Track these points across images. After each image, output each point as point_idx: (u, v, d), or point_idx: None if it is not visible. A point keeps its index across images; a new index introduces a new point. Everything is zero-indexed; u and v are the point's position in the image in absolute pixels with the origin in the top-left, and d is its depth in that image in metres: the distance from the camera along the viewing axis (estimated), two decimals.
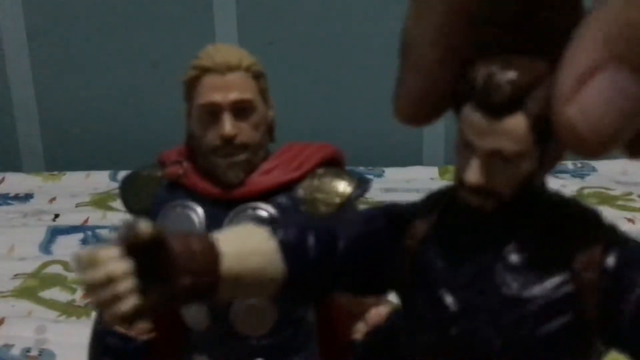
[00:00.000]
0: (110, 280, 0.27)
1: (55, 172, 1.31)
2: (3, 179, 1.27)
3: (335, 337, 0.49)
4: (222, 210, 0.44)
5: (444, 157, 1.39)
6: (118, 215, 1.11)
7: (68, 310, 0.86)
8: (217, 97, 0.43)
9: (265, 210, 0.44)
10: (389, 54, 1.49)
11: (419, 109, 0.28)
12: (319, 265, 0.31)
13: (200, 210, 0.45)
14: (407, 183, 1.23)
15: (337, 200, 0.45)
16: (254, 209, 0.44)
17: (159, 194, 0.47)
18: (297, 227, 0.32)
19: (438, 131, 1.41)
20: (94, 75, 1.39)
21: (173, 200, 0.46)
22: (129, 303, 0.26)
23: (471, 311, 0.29)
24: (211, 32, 1.35)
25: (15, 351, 0.78)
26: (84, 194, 1.19)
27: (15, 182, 1.25)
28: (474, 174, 0.28)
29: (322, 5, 1.36)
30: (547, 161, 0.28)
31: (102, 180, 1.25)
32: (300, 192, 0.45)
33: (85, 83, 1.40)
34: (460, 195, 0.29)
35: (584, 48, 0.22)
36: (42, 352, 0.78)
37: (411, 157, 1.37)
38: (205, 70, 0.44)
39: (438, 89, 0.28)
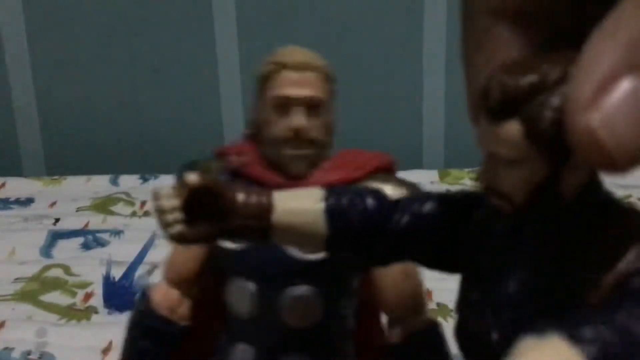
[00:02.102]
0: (161, 212, 0.36)
1: (56, 177, 1.31)
2: (4, 183, 1.27)
3: (371, 339, 0.50)
4: None
5: (444, 161, 1.39)
6: (118, 219, 1.11)
7: (68, 313, 0.87)
8: (293, 92, 0.46)
9: None
10: (389, 56, 1.49)
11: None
12: (362, 232, 0.35)
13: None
14: None
15: None
16: None
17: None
18: (351, 195, 0.36)
19: (438, 134, 1.41)
20: (95, 80, 1.40)
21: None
22: (174, 229, 0.36)
23: (483, 304, 0.30)
24: (211, 38, 1.36)
25: (16, 354, 0.78)
26: (84, 198, 1.20)
27: (16, 186, 1.26)
28: (480, 174, 0.29)
29: (322, 8, 1.36)
30: (570, 169, 0.27)
31: (102, 185, 1.25)
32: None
33: (86, 88, 1.40)
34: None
35: (603, 53, 0.21)
36: (42, 355, 0.78)
37: (411, 161, 1.37)
38: (283, 66, 0.46)
39: None
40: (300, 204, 0.36)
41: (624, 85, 0.21)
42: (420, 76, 1.39)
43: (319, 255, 0.45)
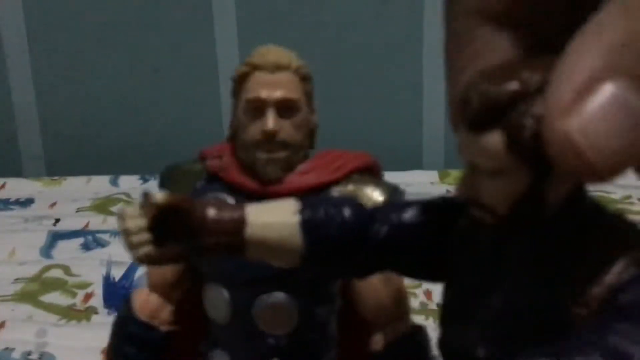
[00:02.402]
0: (126, 233, 0.35)
1: (56, 177, 1.31)
2: (4, 184, 1.27)
3: (354, 347, 0.49)
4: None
5: (444, 162, 1.39)
6: None
7: (68, 314, 0.86)
8: (264, 93, 0.45)
9: None
10: (389, 57, 1.49)
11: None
12: (340, 245, 0.34)
13: (232, 202, 0.46)
14: (406, 187, 1.22)
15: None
16: None
17: (198, 186, 0.47)
18: (327, 206, 0.34)
19: (438, 135, 1.41)
20: (95, 81, 1.40)
21: (209, 192, 0.47)
22: (141, 252, 0.34)
23: (468, 318, 0.30)
24: (211, 38, 1.36)
25: (16, 355, 0.78)
26: (84, 198, 1.20)
27: (16, 187, 1.26)
28: (460, 185, 0.28)
29: (322, 9, 1.36)
30: (554, 179, 0.26)
31: (102, 185, 1.25)
32: (334, 194, 0.46)
33: (86, 88, 1.40)
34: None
35: (583, 58, 0.20)
36: (42, 355, 0.78)
37: (411, 161, 1.37)
38: (255, 67, 0.46)
39: None
40: (274, 218, 0.34)
41: (605, 90, 0.20)
42: (420, 76, 1.39)
43: None
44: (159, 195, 0.34)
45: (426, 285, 0.87)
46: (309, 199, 0.36)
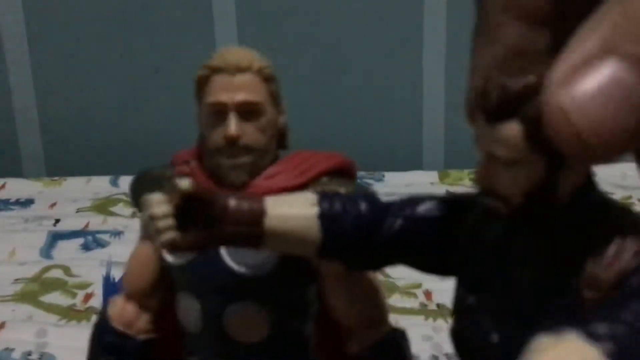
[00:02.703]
0: (153, 219, 0.35)
1: (56, 178, 1.31)
2: (4, 184, 1.27)
3: (332, 351, 0.48)
4: None
5: (444, 162, 1.39)
6: (118, 220, 1.11)
7: (68, 314, 0.86)
8: (224, 97, 0.43)
9: None
10: (389, 56, 1.49)
11: None
12: (356, 237, 0.35)
13: None
14: (407, 187, 1.23)
15: None
16: None
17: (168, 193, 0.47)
18: (345, 200, 0.35)
19: (438, 136, 1.41)
20: (95, 81, 1.40)
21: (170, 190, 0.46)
22: (166, 237, 0.35)
23: (480, 307, 0.30)
24: (211, 39, 1.36)
25: (16, 355, 0.78)
26: (84, 199, 1.20)
27: (16, 187, 1.26)
28: (476, 175, 0.29)
29: (322, 10, 1.36)
30: (567, 170, 0.27)
31: (102, 186, 1.25)
32: None
33: (86, 89, 1.40)
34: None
35: (585, 38, 0.21)
36: (42, 355, 0.78)
37: (411, 162, 1.37)
38: (215, 70, 0.44)
39: None
40: (293, 210, 0.35)
41: (602, 68, 0.21)
42: (420, 76, 1.39)
43: (264, 271, 0.43)
44: (184, 183, 0.36)
45: (426, 286, 0.87)
46: (327, 193, 0.37)
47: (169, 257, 0.45)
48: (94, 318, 0.85)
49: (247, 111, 0.43)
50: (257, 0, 1.35)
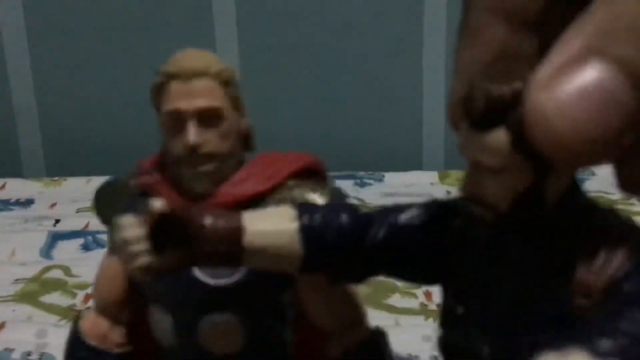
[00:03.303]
0: (126, 243, 0.34)
1: (56, 178, 1.31)
2: (4, 184, 1.27)
3: (312, 355, 0.47)
4: None
5: (444, 162, 1.39)
6: None
7: (69, 314, 0.86)
8: (182, 105, 0.41)
9: None
10: (389, 56, 1.49)
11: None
12: (339, 250, 0.34)
13: None
14: (406, 188, 1.23)
15: None
16: None
17: (131, 203, 0.45)
18: (324, 212, 0.34)
19: (438, 136, 1.41)
20: (95, 81, 1.40)
21: (142, 206, 0.43)
22: (141, 261, 0.33)
23: (469, 318, 0.30)
24: (211, 38, 1.36)
25: (16, 355, 0.78)
26: (84, 199, 1.19)
27: (16, 187, 1.26)
28: (462, 184, 0.28)
29: (322, 10, 1.36)
30: (554, 176, 0.27)
31: None
32: (271, 205, 0.42)
33: (86, 89, 1.40)
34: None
35: (570, 39, 0.21)
36: (42, 356, 0.78)
37: (411, 162, 1.37)
38: (171, 77, 0.42)
39: None
40: (272, 225, 0.34)
41: (585, 70, 0.20)
42: (420, 76, 1.39)
43: (234, 280, 0.42)
44: (156, 204, 0.34)
45: (426, 286, 0.87)
46: (306, 205, 0.35)
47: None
48: None
49: (207, 117, 0.42)
50: (257, 0, 1.35)
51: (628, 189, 0.23)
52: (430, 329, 0.80)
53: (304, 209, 0.34)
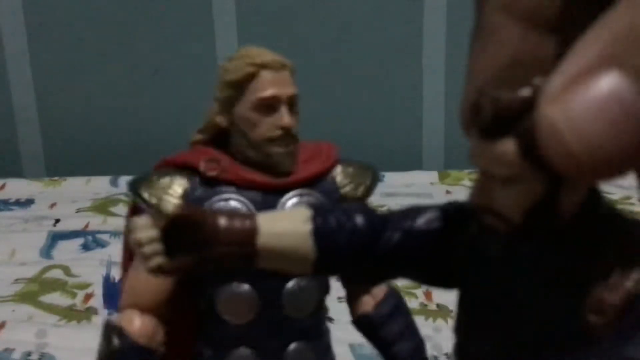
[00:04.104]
0: (139, 244, 0.34)
1: (56, 178, 1.31)
2: (4, 185, 1.27)
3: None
4: (271, 198, 0.47)
5: (444, 162, 1.39)
6: (118, 220, 1.11)
7: (68, 314, 0.86)
8: (277, 91, 0.46)
9: (312, 195, 0.48)
10: (389, 56, 1.49)
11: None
12: (352, 253, 0.33)
13: (243, 202, 0.47)
14: (407, 187, 1.23)
15: (368, 182, 0.51)
16: (302, 195, 0.47)
17: (196, 194, 0.47)
18: (339, 214, 0.34)
19: (438, 136, 1.41)
20: (95, 82, 1.40)
21: (218, 194, 0.47)
22: (153, 262, 0.34)
23: (485, 327, 0.29)
24: (211, 39, 1.36)
25: (16, 355, 0.78)
26: (84, 199, 1.20)
27: (16, 187, 1.26)
28: (472, 193, 0.27)
29: (322, 11, 1.36)
30: (569, 186, 0.26)
31: (102, 186, 1.25)
32: (338, 178, 0.49)
33: (86, 89, 1.40)
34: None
35: (585, 47, 0.19)
36: (42, 356, 0.78)
37: (411, 162, 1.37)
38: (262, 67, 0.47)
39: None
40: (286, 227, 0.34)
41: (601, 81, 0.19)
42: (420, 76, 1.39)
43: None
44: (170, 206, 0.35)
45: (426, 286, 0.87)
46: (321, 207, 0.35)
47: None
48: (94, 318, 0.85)
49: (292, 103, 0.47)
50: (257, 1, 1.35)
51: None
52: (430, 328, 0.80)
53: (319, 211, 0.34)
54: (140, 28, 1.37)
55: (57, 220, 1.11)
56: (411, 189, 1.22)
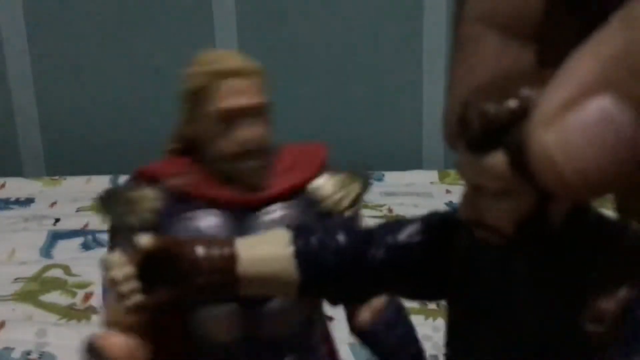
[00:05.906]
0: (115, 283, 0.33)
1: (56, 177, 1.31)
2: (4, 184, 1.27)
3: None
4: (246, 214, 0.44)
5: (444, 161, 1.39)
6: None
7: (68, 313, 0.87)
8: (236, 102, 0.42)
9: (291, 209, 0.44)
10: (389, 56, 1.49)
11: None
12: (338, 272, 0.32)
13: (216, 218, 0.44)
14: (406, 187, 1.23)
15: (353, 195, 0.46)
16: (278, 210, 0.44)
17: (166, 208, 0.44)
18: (321, 234, 0.32)
19: (438, 135, 1.41)
20: (95, 81, 1.40)
21: (185, 211, 0.44)
22: (131, 301, 0.32)
23: (477, 338, 0.29)
24: (211, 39, 1.36)
25: (16, 354, 0.78)
26: (84, 198, 1.20)
27: (16, 186, 1.26)
28: (461, 208, 0.27)
29: (322, 11, 1.36)
30: (559, 196, 0.24)
31: (102, 185, 1.25)
32: (320, 190, 0.45)
33: (86, 88, 1.40)
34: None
35: (579, 68, 0.19)
36: (42, 355, 0.78)
37: (411, 161, 1.37)
38: (220, 75, 0.43)
39: None
40: (267, 251, 0.32)
41: (591, 105, 0.18)
42: (420, 76, 1.39)
43: None
44: (144, 240, 0.32)
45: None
46: (302, 228, 0.34)
47: None
48: (93, 318, 0.85)
49: (256, 114, 0.43)
50: (257, 1, 1.35)
51: (625, 214, 0.22)
52: (430, 328, 0.80)
53: (299, 232, 0.33)
54: (140, 28, 1.37)
55: (57, 220, 1.11)
56: (411, 189, 1.22)
